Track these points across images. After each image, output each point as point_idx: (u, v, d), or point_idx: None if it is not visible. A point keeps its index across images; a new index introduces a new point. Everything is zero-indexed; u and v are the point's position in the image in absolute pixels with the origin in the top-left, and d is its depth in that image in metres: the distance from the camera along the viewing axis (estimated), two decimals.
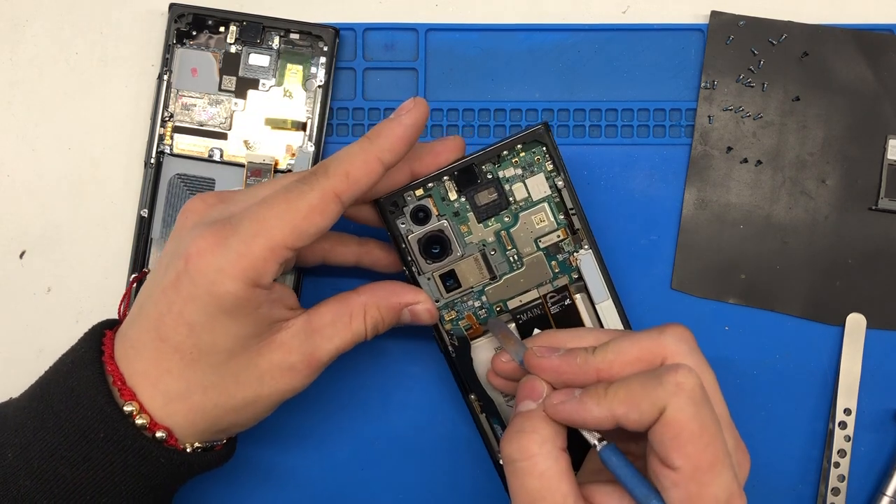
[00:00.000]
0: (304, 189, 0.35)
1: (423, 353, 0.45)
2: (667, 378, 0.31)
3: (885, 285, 0.45)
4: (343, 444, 0.45)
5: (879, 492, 0.44)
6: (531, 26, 0.46)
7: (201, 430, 0.36)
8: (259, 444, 0.45)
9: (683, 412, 0.31)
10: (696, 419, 0.31)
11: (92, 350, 0.36)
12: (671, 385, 0.31)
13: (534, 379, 0.36)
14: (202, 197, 0.37)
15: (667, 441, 0.31)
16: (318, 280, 0.45)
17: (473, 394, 0.41)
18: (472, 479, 0.45)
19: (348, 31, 0.46)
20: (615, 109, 0.46)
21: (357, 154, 0.35)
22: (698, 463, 0.31)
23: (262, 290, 0.34)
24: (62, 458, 0.34)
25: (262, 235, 0.34)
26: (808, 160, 0.45)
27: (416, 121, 0.36)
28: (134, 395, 0.35)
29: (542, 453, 0.33)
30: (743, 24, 0.46)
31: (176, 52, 0.45)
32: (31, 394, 0.36)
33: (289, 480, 0.45)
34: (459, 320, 0.41)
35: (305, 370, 0.37)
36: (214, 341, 0.35)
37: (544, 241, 0.40)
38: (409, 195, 0.39)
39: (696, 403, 0.31)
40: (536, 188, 0.40)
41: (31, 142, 0.46)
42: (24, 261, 0.46)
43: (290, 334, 0.36)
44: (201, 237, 0.34)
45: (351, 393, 0.45)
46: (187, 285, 0.34)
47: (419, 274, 0.40)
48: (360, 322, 0.38)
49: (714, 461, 0.31)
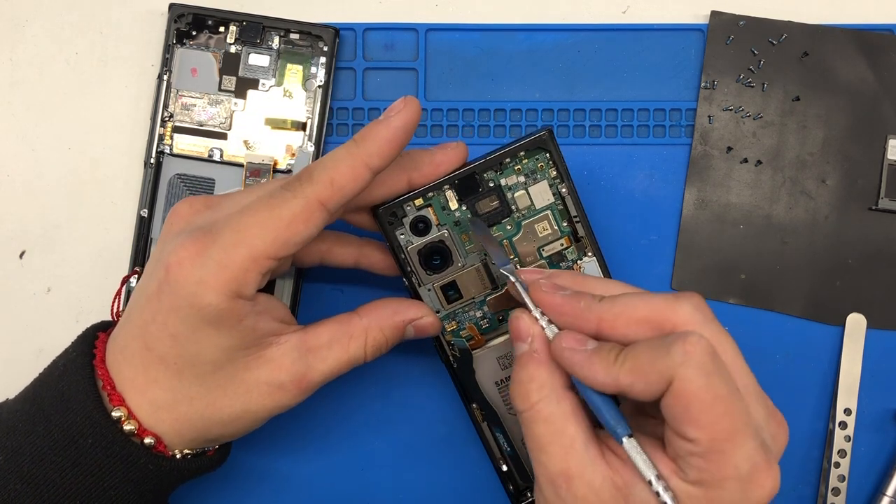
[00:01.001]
0: (286, 196, 0.33)
1: (425, 360, 0.45)
2: (675, 346, 0.29)
3: (885, 285, 0.45)
4: (343, 450, 0.45)
5: (879, 492, 0.44)
6: (531, 26, 0.46)
7: (189, 439, 0.36)
8: (256, 449, 0.44)
9: (693, 382, 0.29)
10: (708, 389, 0.29)
11: (83, 354, 0.36)
12: (679, 354, 0.29)
13: (520, 316, 0.34)
14: (190, 201, 0.36)
15: (678, 413, 0.29)
16: (319, 286, 0.45)
17: (475, 403, 0.41)
18: (474, 488, 0.45)
19: (348, 31, 0.46)
20: (615, 109, 0.46)
21: (343, 159, 0.34)
22: (714, 434, 0.29)
23: (244, 302, 0.33)
24: (51, 462, 0.34)
25: (243, 245, 0.33)
26: (809, 160, 0.45)
27: (405, 122, 0.34)
28: (123, 400, 0.35)
29: (543, 399, 0.32)
30: (743, 24, 0.46)
31: (176, 52, 0.45)
32: (24, 396, 0.36)
33: (287, 486, 0.45)
34: (461, 331, 0.40)
35: (295, 390, 0.36)
36: (198, 352, 0.34)
37: (548, 250, 0.40)
38: (408, 205, 0.38)
39: (707, 373, 0.29)
40: (540, 196, 0.39)
41: (31, 142, 0.46)
42: (24, 261, 0.46)
43: (282, 351, 0.35)
44: (182, 246, 0.33)
45: (351, 398, 0.45)
46: (168, 296, 0.33)
47: (420, 285, 0.39)
48: (360, 345, 0.37)
49: (732, 431, 0.29)
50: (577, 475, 0.31)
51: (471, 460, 0.45)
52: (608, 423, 0.31)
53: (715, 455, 0.29)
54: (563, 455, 0.31)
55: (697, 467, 0.29)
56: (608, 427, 0.31)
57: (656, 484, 0.30)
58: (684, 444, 0.30)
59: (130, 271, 0.43)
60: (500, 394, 0.41)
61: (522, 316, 0.34)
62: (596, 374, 0.31)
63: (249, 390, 0.35)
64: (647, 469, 0.30)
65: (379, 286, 0.45)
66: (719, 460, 0.29)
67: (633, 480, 0.31)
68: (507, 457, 0.42)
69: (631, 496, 0.30)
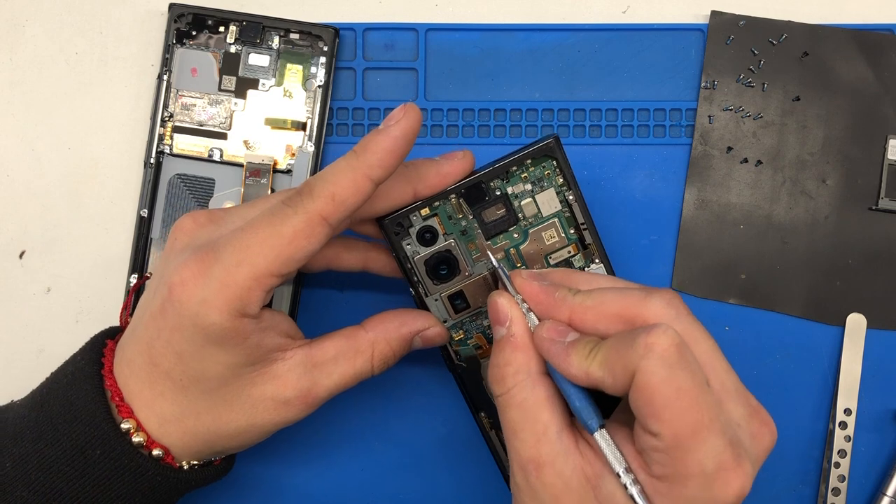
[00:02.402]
0: (287, 213, 0.33)
1: (427, 368, 0.45)
2: (639, 339, 0.29)
3: (886, 285, 0.45)
4: (349, 459, 0.45)
5: (879, 492, 0.44)
6: (531, 26, 0.46)
7: (196, 451, 0.36)
8: (258, 456, 0.44)
9: (655, 375, 0.28)
10: (670, 383, 0.28)
11: (92, 362, 0.36)
12: (641, 347, 0.29)
13: (500, 294, 0.34)
14: (193, 216, 0.36)
15: (641, 407, 0.29)
16: (318, 290, 0.45)
17: (482, 411, 0.41)
18: (483, 497, 0.45)
19: (348, 31, 0.46)
20: (615, 109, 0.46)
21: (344, 172, 0.33)
22: (677, 429, 0.28)
23: (249, 320, 0.33)
24: (59, 472, 0.34)
25: (246, 264, 0.32)
26: (809, 160, 0.45)
27: (406, 131, 0.33)
28: (131, 411, 0.35)
29: (518, 384, 0.32)
30: (743, 24, 0.46)
31: (176, 52, 0.45)
32: (31, 402, 0.36)
33: (288, 493, 0.45)
34: (468, 340, 0.40)
35: (300, 405, 0.36)
36: (203, 370, 0.34)
37: (555, 258, 0.39)
38: (414, 215, 0.38)
39: (670, 366, 0.28)
40: (546, 204, 0.39)
41: (31, 142, 0.46)
42: (24, 261, 0.46)
43: (287, 367, 0.35)
44: (185, 266, 0.33)
45: (357, 406, 0.45)
46: (172, 315, 0.33)
47: (426, 295, 0.39)
48: (366, 360, 0.37)
49: (697, 427, 0.28)
50: (547, 463, 0.31)
51: (473, 467, 0.45)
52: (580, 414, 0.31)
53: (678, 451, 0.29)
54: (534, 442, 0.31)
55: (661, 462, 0.29)
56: (580, 418, 0.31)
57: (624, 477, 0.30)
58: (649, 439, 0.29)
59: (142, 277, 0.43)
60: None
61: (501, 295, 0.34)
62: (570, 367, 0.31)
63: (255, 405, 0.35)
64: (615, 462, 0.30)
65: (378, 289, 0.45)
66: (683, 457, 0.29)
67: (603, 472, 0.31)
68: None
69: (600, 487, 0.30)
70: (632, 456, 0.30)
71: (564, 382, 0.32)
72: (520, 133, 0.45)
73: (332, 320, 0.45)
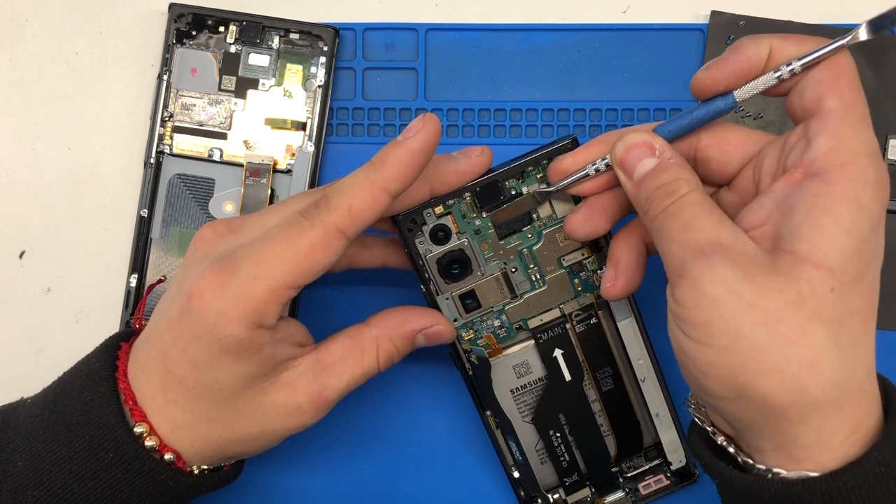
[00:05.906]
0: (305, 225, 0.33)
1: (433, 369, 0.45)
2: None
3: (886, 285, 0.45)
4: (349, 459, 0.45)
5: None
6: (531, 26, 0.46)
7: (207, 456, 0.36)
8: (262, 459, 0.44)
9: (849, 61, 0.32)
10: (856, 79, 0.32)
11: (107, 365, 0.36)
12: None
13: (633, 135, 0.34)
14: (212, 226, 0.36)
15: (825, 80, 0.31)
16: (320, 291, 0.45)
17: (489, 411, 0.41)
18: (483, 497, 0.45)
19: (348, 31, 0.46)
20: (615, 109, 0.46)
21: (361, 184, 0.33)
22: (851, 105, 0.31)
23: (265, 331, 0.34)
24: (71, 472, 0.34)
25: (263, 277, 0.33)
26: None
27: (424, 144, 0.33)
28: (145, 415, 0.35)
29: (693, 189, 0.32)
30: (743, 24, 0.46)
31: (176, 52, 0.45)
32: (43, 401, 0.36)
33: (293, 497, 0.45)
34: (478, 339, 0.40)
35: (312, 410, 0.36)
36: (217, 379, 0.34)
37: (568, 260, 0.39)
38: (428, 213, 0.38)
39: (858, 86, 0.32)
40: (561, 205, 0.38)
41: (31, 142, 0.46)
42: (24, 261, 0.46)
43: (297, 374, 0.36)
44: (203, 277, 0.33)
45: (357, 407, 0.45)
46: (190, 324, 0.33)
47: (437, 294, 0.39)
48: (372, 357, 0.37)
49: (866, 115, 0.31)
50: (729, 244, 0.30)
51: (474, 467, 0.45)
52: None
53: (846, 126, 0.31)
54: (713, 227, 0.31)
55: (828, 137, 0.31)
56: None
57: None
58: (815, 122, 0.31)
59: (141, 277, 0.43)
60: (515, 402, 0.41)
61: (635, 134, 0.34)
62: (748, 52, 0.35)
63: (267, 413, 0.35)
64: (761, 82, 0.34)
65: (379, 289, 0.45)
66: (851, 132, 0.31)
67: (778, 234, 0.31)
68: (519, 465, 0.42)
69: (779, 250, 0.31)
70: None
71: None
72: (520, 133, 0.45)
73: (332, 320, 0.45)
